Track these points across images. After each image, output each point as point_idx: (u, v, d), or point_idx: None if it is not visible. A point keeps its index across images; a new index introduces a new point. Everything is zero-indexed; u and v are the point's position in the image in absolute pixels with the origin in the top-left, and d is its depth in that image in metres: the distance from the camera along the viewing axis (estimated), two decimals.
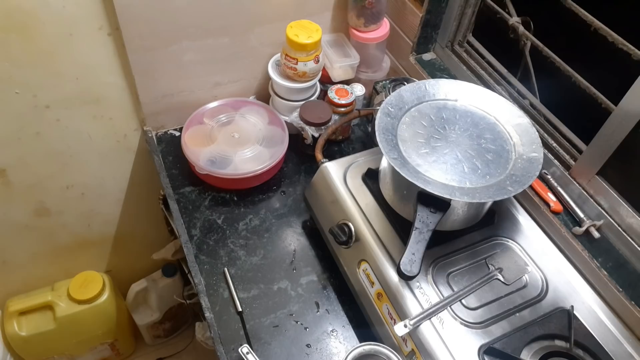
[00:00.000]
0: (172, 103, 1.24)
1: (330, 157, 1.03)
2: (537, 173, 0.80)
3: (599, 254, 0.86)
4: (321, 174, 1.00)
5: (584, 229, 0.88)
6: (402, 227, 0.88)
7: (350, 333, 0.97)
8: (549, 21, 0.99)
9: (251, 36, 1.20)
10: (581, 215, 0.90)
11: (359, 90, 1.26)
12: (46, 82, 1.09)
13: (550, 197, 0.93)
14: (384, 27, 1.24)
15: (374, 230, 0.90)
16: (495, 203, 0.90)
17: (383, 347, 0.81)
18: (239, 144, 1.20)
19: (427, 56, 1.25)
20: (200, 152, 1.14)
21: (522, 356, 0.77)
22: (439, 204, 0.79)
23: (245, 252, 1.07)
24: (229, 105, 1.26)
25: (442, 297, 0.81)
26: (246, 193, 1.18)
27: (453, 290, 0.83)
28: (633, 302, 0.80)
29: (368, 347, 0.82)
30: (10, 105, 1.10)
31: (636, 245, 0.84)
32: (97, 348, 1.65)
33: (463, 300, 0.81)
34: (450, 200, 0.78)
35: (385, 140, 0.82)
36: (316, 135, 1.15)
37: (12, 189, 1.28)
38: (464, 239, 0.90)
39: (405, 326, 0.77)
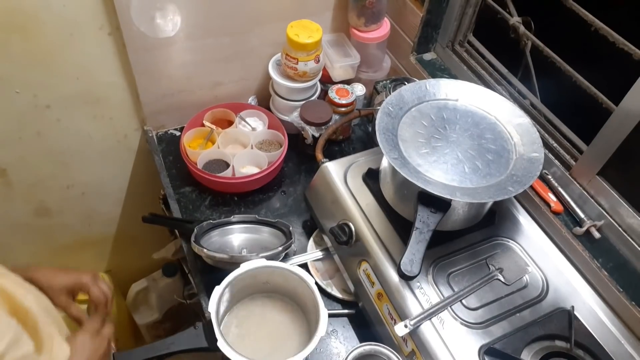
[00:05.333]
0: (173, 103, 1.24)
1: (331, 157, 1.02)
2: (538, 173, 0.80)
3: (600, 254, 0.86)
4: (321, 174, 1.00)
5: (584, 229, 0.88)
6: (402, 227, 0.87)
7: (351, 333, 0.97)
8: (549, 21, 0.99)
9: (252, 36, 1.20)
10: (582, 215, 0.90)
11: (359, 90, 1.26)
12: (47, 81, 1.09)
13: (551, 198, 0.93)
14: (384, 27, 1.24)
15: (374, 230, 0.90)
16: (495, 203, 0.90)
17: (383, 347, 0.81)
18: (238, 148, 1.20)
19: (427, 56, 1.25)
20: (199, 156, 1.14)
21: (522, 356, 0.76)
22: (440, 204, 0.79)
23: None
24: (229, 108, 1.25)
25: (442, 297, 0.81)
26: (246, 193, 1.17)
27: (453, 290, 0.83)
28: (634, 303, 0.80)
29: (368, 347, 0.82)
30: (10, 105, 1.10)
31: (637, 246, 0.84)
32: None
33: (463, 301, 0.81)
34: (451, 200, 0.78)
35: (385, 140, 0.82)
36: (316, 135, 1.15)
37: (13, 189, 1.28)
38: (465, 239, 0.90)
39: (406, 326, 0.77)
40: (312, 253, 1.06)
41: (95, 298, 0.79)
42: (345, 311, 0.99)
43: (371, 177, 0.96)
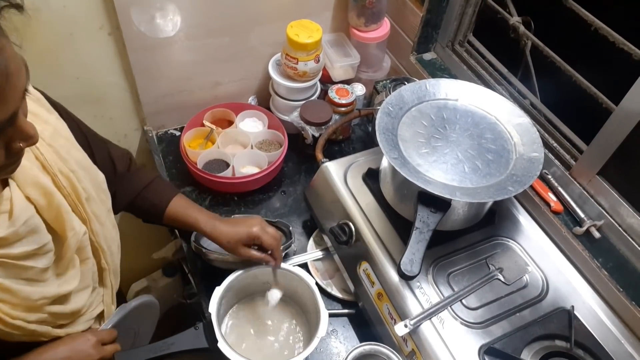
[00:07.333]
0: (173, 103, 1.24)
1: (331, 156, 1.02)
2: (538, 173, 0.80)
3: (600, 254, 0.86)
4: (321, 174, 1.00)
5: (584, 229, 0.88)
6: (402, 227, 0.87)
7: (351, 333, 0.97)
8: (549, 21, 0.99)
9: (252, 36, 1.20)
10: (582, 215, 0.90)
11: (359, 90, 1.26)
12: (47, 81, 1.08)
13: (551, 197, 0.93)
14: (384, 27, 1.24)
15: (374, 230, 0.90)
16: (495, 203, 0.90)
17: (383, 347, 0.81)
18: (238, 148, 1.20)
19: (427, 56, 1.25)
20: (199, 156, 1.14)
21: (522, 356, 0.77)
22: (440, 204, 0.79)
23: None
24: (229, 108, 1.25)
25: (442, 297, 0.81)
26: (247, 193, 1.17)
27: (453, 290, 0.83)
28: (634, 302, 0.80)
29: (368, 347, 0.82)
30: None
31: (636, 245, 0.84)
32: None
33: (463, 300, 0.81)
34: (451, 200, 0.78)
35: (385, 140, 0.82)
36: (316, 135, 1.15)
37: None
38: (465, 239, 0.90)
39: (406, 326, 0.77)
40: (312, 253, 1.06)
41: (268, 245, 0.89)
42: (345, 311, 0.99)
43: (371, 177, 0.96)
